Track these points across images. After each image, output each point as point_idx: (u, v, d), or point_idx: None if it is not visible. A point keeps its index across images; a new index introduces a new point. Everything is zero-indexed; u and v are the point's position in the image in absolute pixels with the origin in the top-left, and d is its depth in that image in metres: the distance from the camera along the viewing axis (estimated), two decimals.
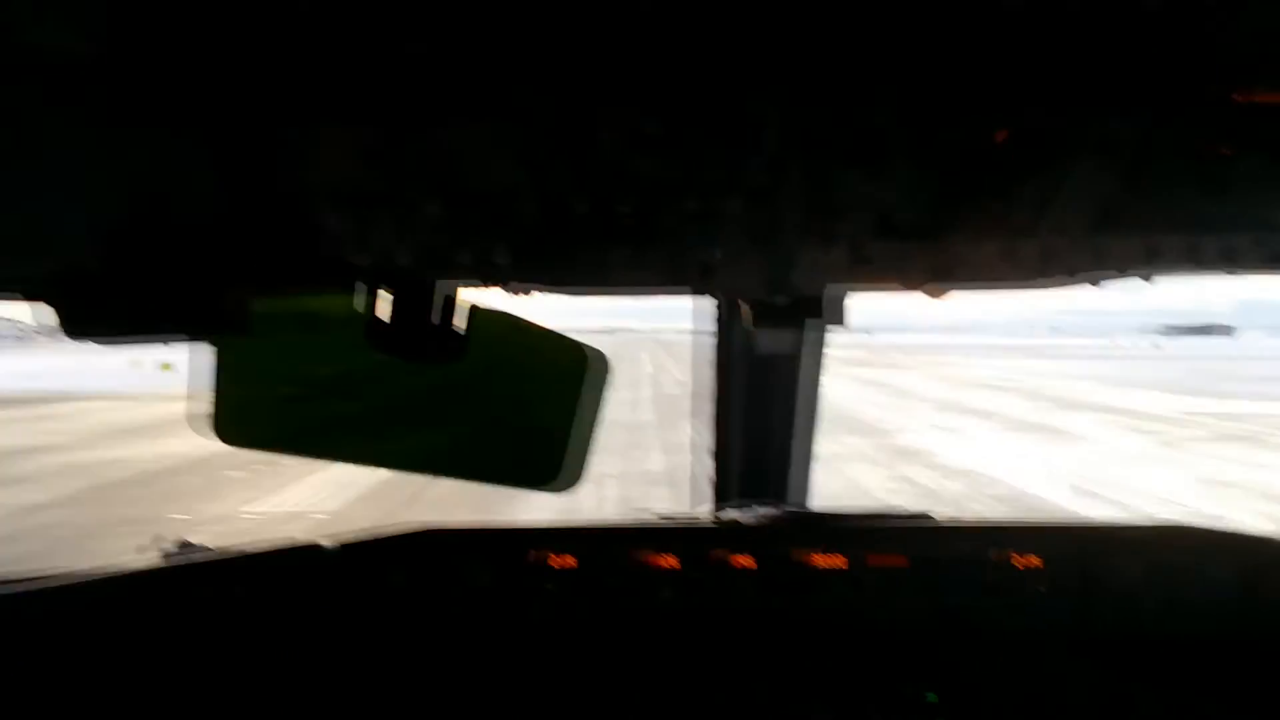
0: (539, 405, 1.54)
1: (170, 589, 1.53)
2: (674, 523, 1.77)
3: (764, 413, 2.11)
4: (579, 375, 1.48)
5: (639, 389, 27.29)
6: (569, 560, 1.62)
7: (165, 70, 0.85)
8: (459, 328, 1.31)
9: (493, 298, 1.33)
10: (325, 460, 1.57)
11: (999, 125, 0.92)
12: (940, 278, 1.19)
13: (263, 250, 1.12)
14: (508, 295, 1.30)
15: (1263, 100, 0.86)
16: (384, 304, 1.26)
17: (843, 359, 50.57)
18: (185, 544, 1.63)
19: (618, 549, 1.65)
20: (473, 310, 1.32)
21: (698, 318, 2.17)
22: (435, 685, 1.58)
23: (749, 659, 1.60)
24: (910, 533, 1.68)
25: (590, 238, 1.14)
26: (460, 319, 1.31)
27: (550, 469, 1.52)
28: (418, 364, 1.32)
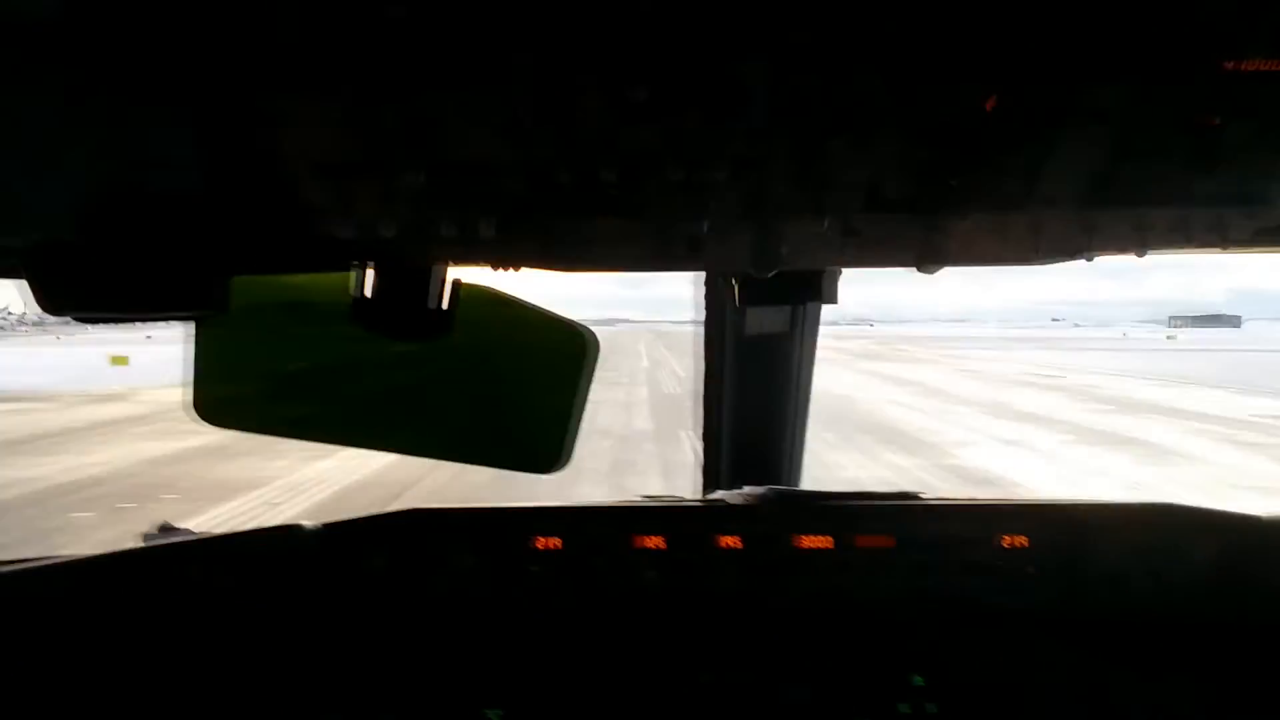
0: (526, 384, 1.51)
1: (151, 572, 1.51)
2: (660, 504, 1.72)
3: (755, 394, 2.08)
4: (566, 354, 1.47)
5: (634, 387, 24.07)
6: (554, 542, 1.59)
7: (137, 36, 0.82)
8: (445, 305, 1.30)
9: (479, 276, 1.32)
10: (309, 441, 1.47)
11: (987, 94, 0.88)
12: (930, 253, 1.18)
13: (243, 224, 1.09)
14: (495, 272, 1.26)
15: (1252, 68, 0.83)
16: (370, 281, 1.25)
17: (854, 351, 47.58)
18: (166, 527, 1.65)
19: (603, 530, 1.61)
20: (458, 287, 1.30)
21: (697, 309, 2.15)
22: (418, 667, 1.55)
23: (735, 640, 1.59)
24: (897, 513, 1.65)
25: (575, 210, 1.08)
26: (446, 296, 1.30)
27: (536, 449, 1.52)
28: (403, 342, 1.31)
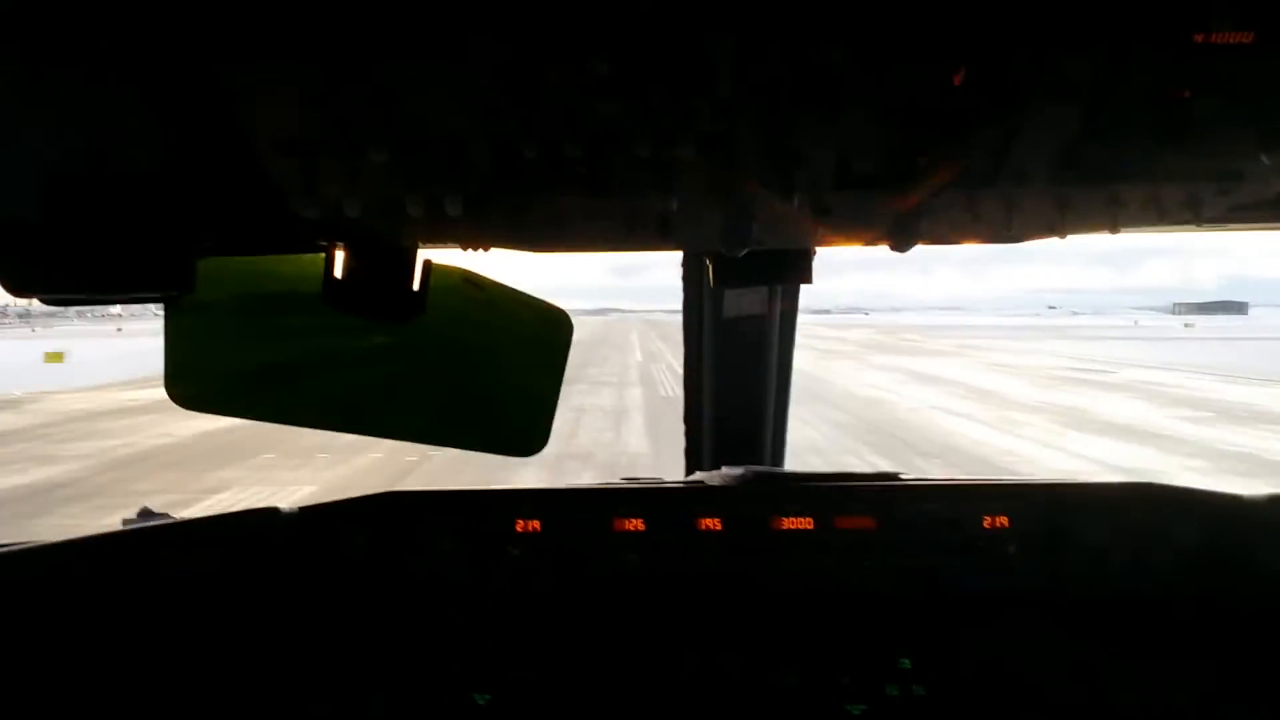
0: (500, 366, 1.48)
1: (130, 556, 1.50)
2: (641, 486, 1.72)
3: (736, 375, 2.06)
4: (541, 335, 1.45)
5: (626, 388, 20.57)
6: (534, 524, 1.58)
7: (99, 11, 0.83)
8: (416, 287, 1.25)
9: (452, 258, 1.29)
10: (282, 423, 1.40)
11: (956, 69, 0.87)
12: (902, 230, 1.17)
13: (208, 202, 1.07)
14: (465, 252, 1.25)
15: (1221, 41, 0.83)
16: (340, 263, 1.22)
17: (860, 342, 44.10)
18: (146, 511, 1.64)
19: (583, 513, 1.61)
20: (429, 267, 1.26)
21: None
22: (403, 651, 1.55)
23: (717, 622, 1.58)
24: (878, 494, 1.64)
25: (543, 188, 1.07)
26: (418, 278, 1.25)
27: (513, 431, 1.50)
28: (375, 323, 1.29)
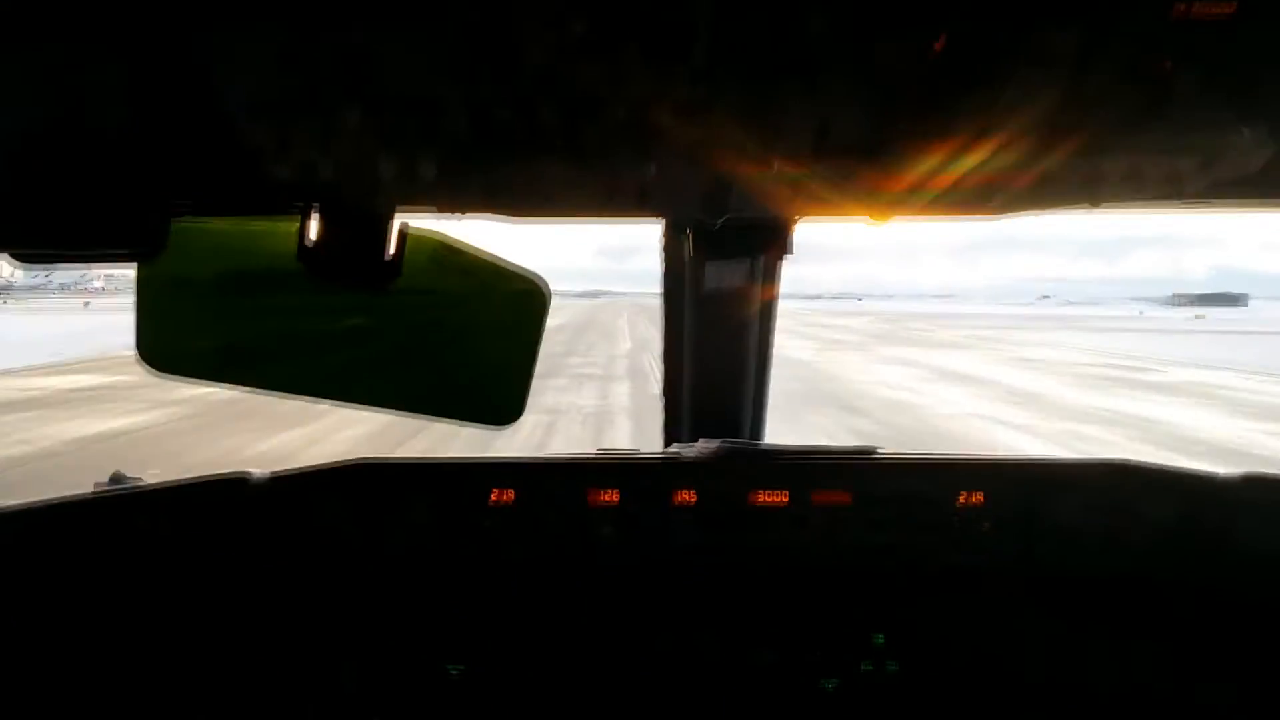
0: (476, 334, 1.45)
1: (98, 520, 1.49)
2: (615, 458, 1.69)
3: (716, 348, 1.99)
4: (518, 303, 1.41)
5: (611, 383, 17.76)
6: (508, 495, 1.58)
7: None
8: (392, 253, 1.23)
9: (431, 224, 1.27)
10: (255, 389, 1.37)
11: (935, 36, 0.86)
12: (881, 201, 1.16)
13: (179, 162, 1.05)
14: (442, 218, 1.25)
15: (1202, 13, 0.82)
16: (315, 227, 1.20)
17: (865, 331, 41.34)
18: (118, 475, 1.61)
19: (557, 484, 1.60)
20: (410, 236, 1.24)
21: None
22: (375, 620, 1.55)
23: (691, 596, 1.58)
24: (854, 469, 1.64)
25: (520, 152, 1.06)
26: (394, 244, 1.23)
27: (489, 401, 1.47)
28: (350, 289, 1.26)
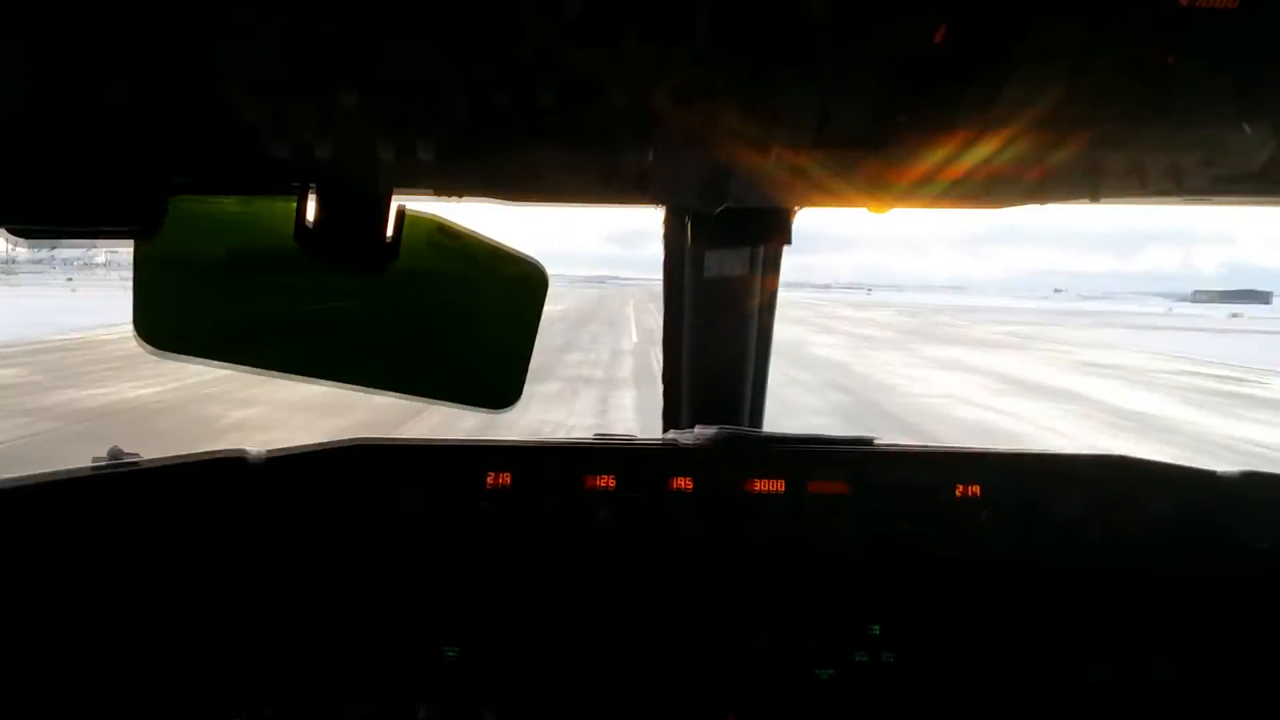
0: (474, 317, 1.43)
1: (94, 496, 1.42)
2: (613, 443, 1.65)
3: (716, 335, 1.95)
4: (516, 286, 1.41)
5: (615, 390, 14.33)
6: (504, 478, 1.53)
7: None
8: (390, 234, 1.23)
9: (428, 206, 1.26)
10: (253, 369, 1.35)
11: (937, 26, 0.85)
12: (881, 190, 1.15)
13: (178, 139, 1.05)
14: (439, 200, 1.22)
15: (1206, 6, 0.80)
16: (313, 206, 1.19)
17: (892, 326, 37.55)
18: (116, 451, 1.49)
19: (554, 468, 1.55)
20: (408, 218, 1.23)
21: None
22: (371, 601, 1.51)
23: (686, 583, 1.54)
24: (851, 459, 1.60)
25: (518, 136, 1.04)
26: (392, 225, 1.23)
27: (486, 384, 1.48)
28: (347, 270, 1.25)
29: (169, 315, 1.29)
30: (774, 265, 1.86)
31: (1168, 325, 47.29)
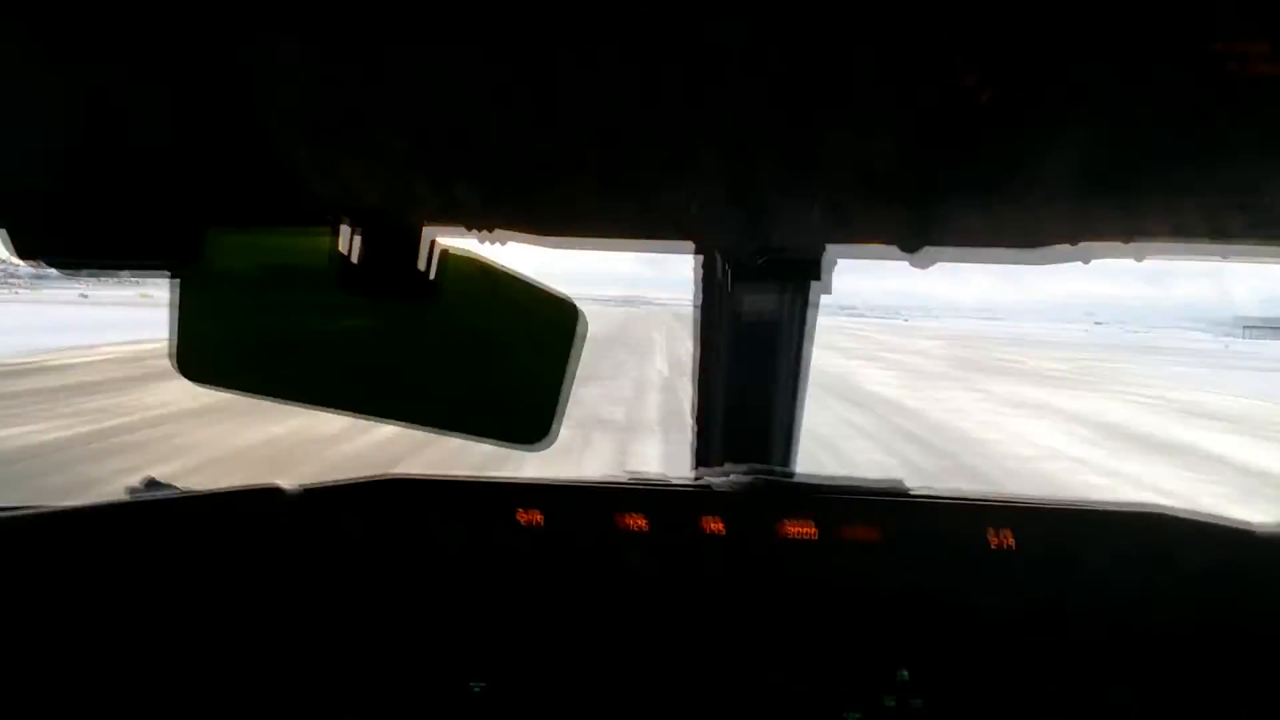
0: (511, 356, 1.47)
1: (132, 528, 1.47)
2: (646, 484, 1.62)
3: (749, 376, 1.92)
4: (553, 327, 1.41)
5: (634, 438, 11.71)
6: (536, 517, 1.53)
7: None
8: (428, 271, 1.25)
9: (467, 244, 1.27)
10: (289, 401, 1.38)
11: (982, 80, 0.84)
12: (925, 240, 1.14)
13: (221, 179, 1.07)
14: (478, 238, 1.21)
15: (1254, 68, 0.79)
16: (352, 242, 1.20)
17: (941, 357, 34.51)
18: (152, 481, 1.57)
19: (587, 507, 1.55)
20: (444, 254, 1.26)
21: (697, 288, 1.94)
22: (400, 636, 1.51)
23: (717, 625, 1.52)
24: (884, 506, 1.55)
25: (557, 179, 1.05)
26: (430, 262, 1.25)
27: (520, 421, 1.48)
28: (387, 306, 1.28)
29: (207, 347, 1.29)
30: (808, 307, 1.84)
31: (1238, 364, 43.58)
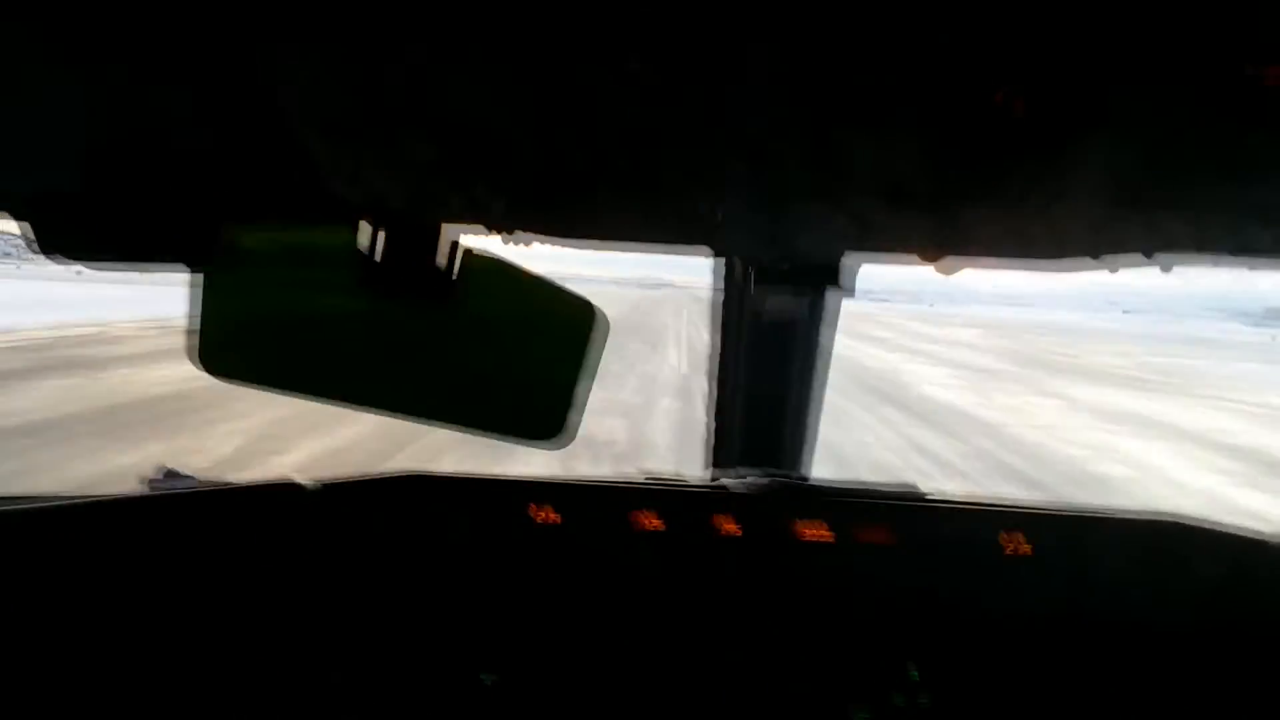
0: (531, 356, 1.44)
1: (150, 520, 1.47)
2: (662, 484, 1.63)
3: (767, 378, 1.90)
4: (572, 327, 1.39)
5: (646, 460, 8.37)
6: (552, 516, 1.54)
7: None
8: (451, 270, 1.24)
9: (489, 243, 1.26)
10: (310, 398, 1.36)
11: (1007, 92, 0.84)
12: (947, 250, 1.12)
13: (245, 179, 1.07)
14: (501, 239, 1.23)
15: (1276, 79, 0.78)
16: (376, 240, 1.20)
17: (993, 350, 31.17)
18: (170, 472, 1.58)
19: (603, 507, 1.56)
20: (466, 253, 1.25)
21: (717, 284, 1.92)
22: (414, 629, 1.53)
23: (731, 625, 1.55)
24: (899, 510, 1.57)
25: (582, 184, 1.05)
26: (453, 262, 1.24)
27: (539, 421, 1.44)
28: (408, 305, 1.27)
29: (229, 343, 1.30)
30: (830, 313, 1.83)
31: None
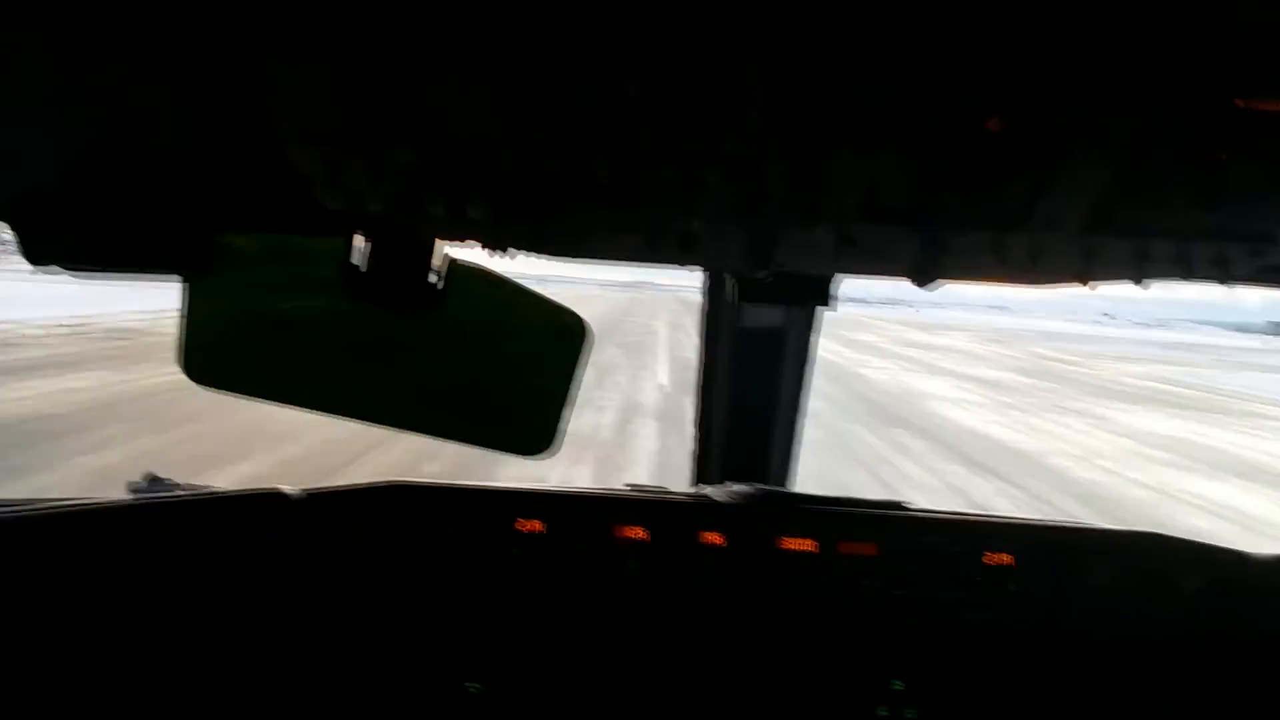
0: (516, 366, 1.46)
1: (134, 528, 1.46)
2: (646, 495, 1.66)
3: (750, 391, 1.97)
4: (558, 339, 1.42)
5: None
6: (537, 525, 1.54)
7: None
8: (436, 280, 1.25)
9: (474, 254, 1.25)
10: (294, 407, 1.35)
11: (992, 112, 0.85)
12: (930, 269, 1.14)
13: (232, 186, 1.07)
14: (488, 253, 1.21)
15: (1264, 108, 0.80)
16: (362, 251, 1.20)
17: (1000, 363, 29.53)
18: (154, 479, 1.56)
19: (587, 517, 1.57)
20: (451, 263, 1.25)
21: (701, 298, 2.03)
22: (398, 637, 1.53)
23: (715, 636, 1.56)
24: (882, 521, 1.59)
25: (567, 198, 1.05)
26: (438, 272, 1.25)
27: (525, 432, 1.47)
28: (392, 314, 1.26)
29: (215, 352, 1.28)
30: (812, 327, 1.84)
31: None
